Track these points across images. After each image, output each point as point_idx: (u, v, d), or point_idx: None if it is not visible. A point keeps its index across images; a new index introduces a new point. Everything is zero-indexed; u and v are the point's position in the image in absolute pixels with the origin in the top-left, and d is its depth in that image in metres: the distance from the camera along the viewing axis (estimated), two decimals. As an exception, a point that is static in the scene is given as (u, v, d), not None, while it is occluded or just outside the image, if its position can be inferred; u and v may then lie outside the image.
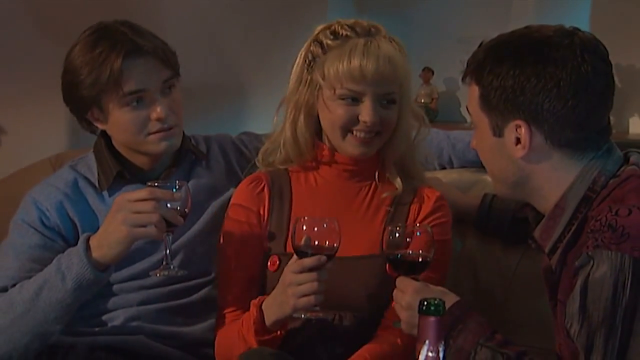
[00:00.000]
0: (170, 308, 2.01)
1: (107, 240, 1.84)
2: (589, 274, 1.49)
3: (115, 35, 1.94)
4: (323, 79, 1.86)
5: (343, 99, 1.85)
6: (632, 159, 1.65)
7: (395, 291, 1.72)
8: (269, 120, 2.02)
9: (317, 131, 1.94)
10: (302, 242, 1.71)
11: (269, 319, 1.76)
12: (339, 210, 1.90)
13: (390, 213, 1.93)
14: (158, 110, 1.94)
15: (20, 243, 1.98)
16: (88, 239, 1.87)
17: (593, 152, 1.62)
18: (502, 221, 2.09)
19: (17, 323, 1.88)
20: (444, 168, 2.28)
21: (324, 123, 1.91)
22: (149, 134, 1.97)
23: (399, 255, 1.73)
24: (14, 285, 1.93)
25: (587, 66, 1.57)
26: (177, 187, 1.83)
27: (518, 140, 1.61)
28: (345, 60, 1.82)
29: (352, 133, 1.88)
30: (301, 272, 1.70)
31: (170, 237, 1.84)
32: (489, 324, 1.66)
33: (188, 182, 1.98)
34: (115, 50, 1.92)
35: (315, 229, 1.71)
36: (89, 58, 1.93)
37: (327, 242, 1.71)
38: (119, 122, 1.97)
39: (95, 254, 1.85)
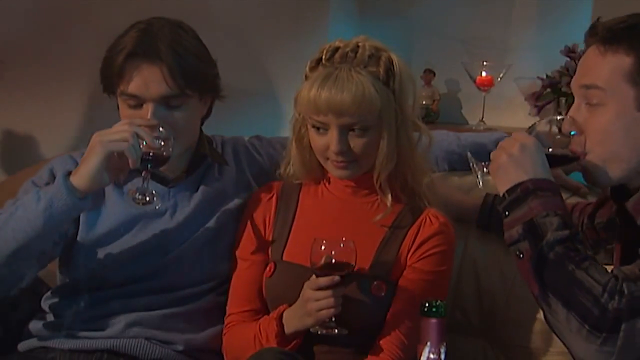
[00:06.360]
0: (173, 314, 1.99)
1: (84, 162, 1.81)
2: None
3: (143, 33, 1.92)
4: (296, 107, 1.90)
5: (314, 127, 1.87)
6: None
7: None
8: (268, 123, 2.02)
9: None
10: (322, 261, 1.77)
11: (288, 329, 1.83)
12: (339, 224, 1.92)
13: (387, 236, 1.92)
14: (145, 122, 1.88)
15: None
16: (69, 173, 1.83)
17: None
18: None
19: None
20: (453, 169, 2.26)
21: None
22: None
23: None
24: None
25: None
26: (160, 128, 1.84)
27: None
28: (308, 92, 1.83)
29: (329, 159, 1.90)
30: (317, 289, 1.77)
31: (149, 174, 1.83)
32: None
33: (199, 187, 2.01)
34: (129, 45, 1.90)
35: (333, 251, 1.77)
36: (115, 41, 1.93)
37: (343, 261, 1.77)
38: (121, 112, 1.97)
39: (73, 178, 1.80)
